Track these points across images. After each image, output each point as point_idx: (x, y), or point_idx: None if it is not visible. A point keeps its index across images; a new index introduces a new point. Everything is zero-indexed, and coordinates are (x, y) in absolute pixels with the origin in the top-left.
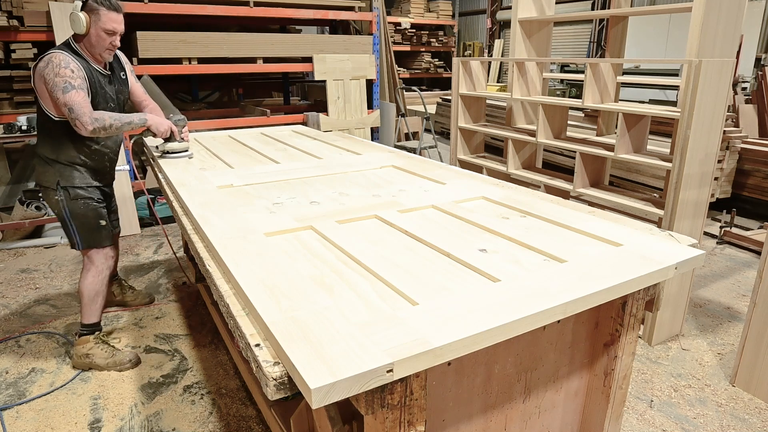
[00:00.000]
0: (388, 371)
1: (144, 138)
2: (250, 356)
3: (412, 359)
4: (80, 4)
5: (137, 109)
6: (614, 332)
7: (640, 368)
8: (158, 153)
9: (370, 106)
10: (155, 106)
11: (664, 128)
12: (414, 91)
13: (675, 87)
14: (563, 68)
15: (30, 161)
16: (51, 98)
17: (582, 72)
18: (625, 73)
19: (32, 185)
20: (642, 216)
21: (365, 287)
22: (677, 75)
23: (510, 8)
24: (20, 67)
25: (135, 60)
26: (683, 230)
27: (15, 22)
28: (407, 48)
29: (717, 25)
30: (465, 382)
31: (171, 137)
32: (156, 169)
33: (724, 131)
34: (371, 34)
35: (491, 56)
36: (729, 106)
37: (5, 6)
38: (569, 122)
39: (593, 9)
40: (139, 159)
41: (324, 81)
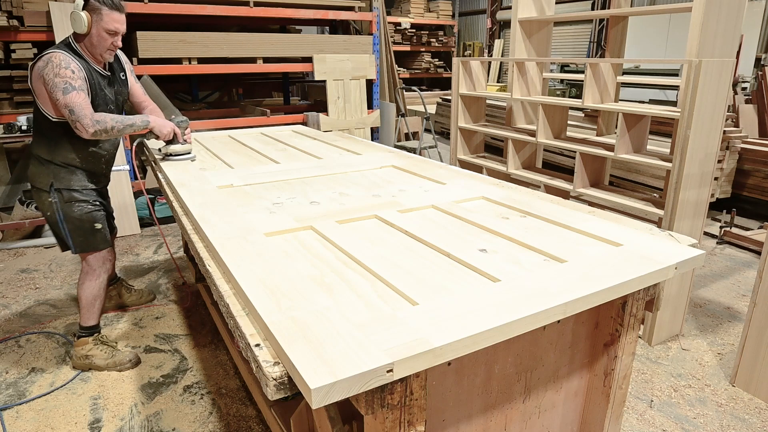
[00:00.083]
0: (388, 371)
1: (146, 140)
2: (250, 356)
3: (412, 359)
4: (81, 3)
5: (137, 110)
6: (614, 332)
7: (640, 368)
8: (160, 156)
9: (370, 106)
10: (155, 107)
11: (664, 128)
12: (414, 91)
13: (675, 87)
14: (563, 68)
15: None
16: (50, 99)
17: (582, 72)
18: (625, 73)
19: None
20: (642, 216)
21: (365, 287)
22: (677, 75)
23: (510, 8)
24: (20, 67)
25: (135, 60)
26: (683, 230)
27: (15, 22)
28: (407, 48)
29: (717, 25)
30: (465, 382)
31: (174, 139)
32: (156, 170)
33: (724, 131)
34: (371, 34)
35: (491, 56)
36: (729, 106)
37: (5, 6)
38: (569, 122)
39: (593, 9)
40: (139, 159)
41: (324, 81)
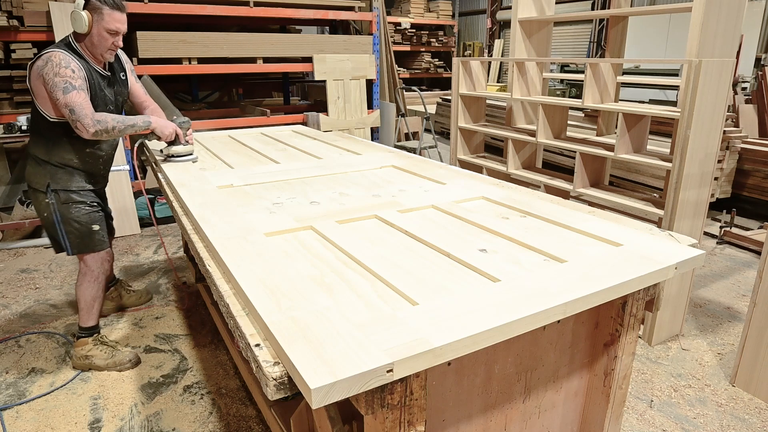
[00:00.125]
0: (388, 371)
1: (147, 141)
2: (250, 356)
3: (412, 359)
4: (82, 3)
5: (137, 110)
6: (614, 332)
7: (640, 368)
8: (162, 157)
9: (370, 106)
10: (156, 107)
11: (664, 128)
12: (414, 91)
13: (675, 87)
14: (563, 68)
15: None
16: (50, 99)
17: (582, 72)
18: (625, 73)
19: None
20: (642, 216)
21: (365, 287)
22: (677, 75)
23: (510, 8)
24: (20, 67)
25: (135, 60)
26: (683, 230)
27: (15, 22)
28: (407, 48)
29: (717, 25)
30: (465, 382)
31: (175, 140)
32: (156, 170)
33: (724, 131)
34: (371, 34)
35: (491, 56)
36: (729, 106)
37: (5, 6)
38: (569, 122)
39: (593, 9)
40: (139, 159)
41: (324, 81)
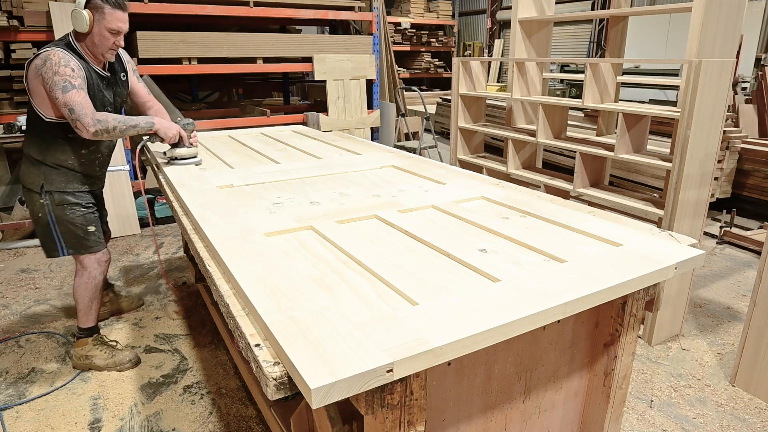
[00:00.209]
0: (388, 371)
1: (150, 143)
2: (250, 356)
3: (412, 359)
4: (83, 2)
5: (140, 111)
6: (614, 332)
7: (640, 368)
8: (165, 160)
9: (370, 106)
10: (160, 108)
11: (664, 128)
12: (414, 91)
13: (675, 87)
14: (563, 68)
15: None
16: (49, 98)
17: (582, 72)
18: (625, 73)
19: None
20: (642, 216)
21: (365, 287)
22: (677, 75)
23: (510, 8)
24: (20, 67)
25: (135, 60)
26: (683, 230)
27: (15, 22)
28: (407, 48)
29: (717, 25)
30: (465, 382)
31: (179, 142)
32: (157, 171)
33: (724, 131)
34: (371, 34)
35: (491, 56)
36: (729, 106)
37: (5, 6)
38: (569, 122)
39: (593, 9)
40: (140, 158)
41: (324, 81)
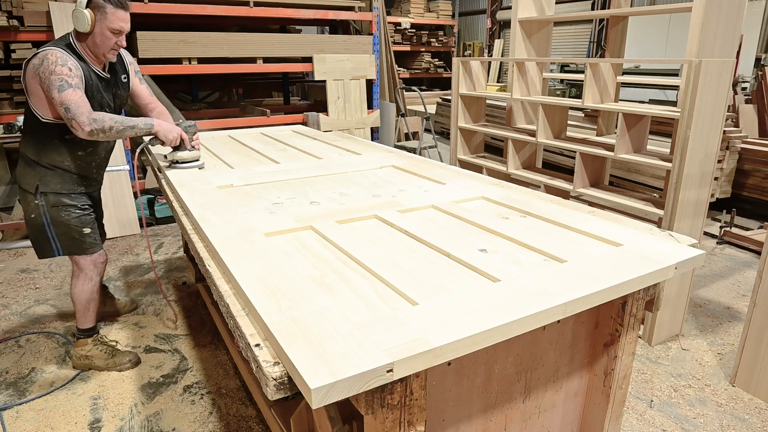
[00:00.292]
0: (388, 371)
1: (151, 146)
2: (250, 356)
3: (412, 359)
4: (85, 1)
5: (142, 113)
6: (614, 332)
7: (640, 368)
8: (166, 163)
9: (370, 106)
10: (163, 110)
11: (664, 128)
12: (414, 91)
13: (675, 87)
14: (563, 68)
15: None
16: (46, 98)
17: (582, 72)
18: (625, 73)
19: None
20: (642, 216)
21: (365, 287)
22: (677, 75)
23: (510, 8)
24: (20, 67)
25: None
26: (683, 230)
27: (15, 22)
28: (407, 48)
29: (717, 25)
30: (465, 382)
31: (181, 145)
32: (158, 172)
33: (724, 131)
34: (371, 34)
35: (491, 56)
36: (729, 106)
37: (5, 6)
38: (569, 122)
39: (593, 9)
40: (139, 159)
41: (324, 81)
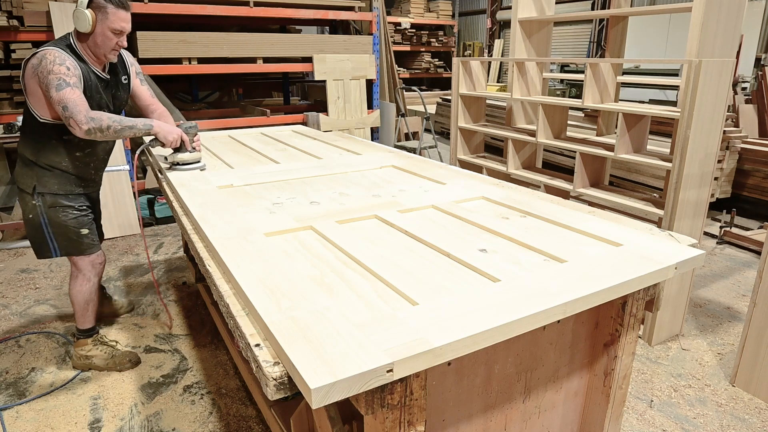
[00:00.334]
0: (388, 371)
1: (151, 147)
2: (250, 356)
3: (412, 359)
4: (86, 1)
5: (143, 114)
6: (614, 332)
7: (640, 368)
8: (167, 165)
9: (370, 106)
10: (164, 112)
11: (664, 128)
12: (414, 91)
13: (675, 87)
14: (563, 68)
15: None
16: (45, 97)
17: (582, 72)
18: (625, 73)
19: None
20: (642, 216)
21: (365, 287)
22: (677, 75)
23: (510, 8)
24: (20, 68)
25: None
26: (683, 230)
27: (15, 22)
28: (407, 48)
29: (717, 25)
30: (465, 382)
31: (181, 147)
32: (159, 174)
33: (724, 131)
34: (371, 34)
35: (491, 56)
36: (729, 106)
37: (5, 6)
38: (569, 122)
39: (593, 9)
40: (139, 159)
41: (324, 81)
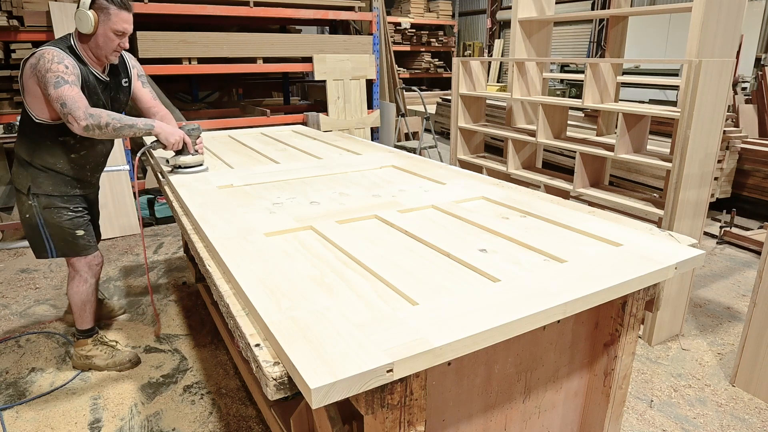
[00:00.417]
0: (388, 371)
1: (152, 149)
2: (250, 356)
3: (412, 359)
4: (88, 2)
5: (145, 116)
6: (614, 332)
7: (640, 368)
8: (168, 167)
9: (370, 106)
10: (167, 114)
11: (664, 128)
12: (414, 91)
13: (675, 87)
14: (563, 68)
15: None
16: (43, 96)
17: (582, 72)
18: (625, 73)
19: None
20: (642, 216)
21: (365, 287)
22: (677, 75)
23: (510, 8)
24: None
25: None
26: (683, 230)
27: (15, 22)
28: (407, 48)
29: (717, 25)
30: (465, 382)
31: (183, 149)
32: (161, 177)
33: (724, 131)
34: (371, 34)
35: (491, 56)
36: (729, 106)
37: (5, 6)
38: (569, 122)
39: (593, 9)
40: (139, 159)
41: (324, 81)
